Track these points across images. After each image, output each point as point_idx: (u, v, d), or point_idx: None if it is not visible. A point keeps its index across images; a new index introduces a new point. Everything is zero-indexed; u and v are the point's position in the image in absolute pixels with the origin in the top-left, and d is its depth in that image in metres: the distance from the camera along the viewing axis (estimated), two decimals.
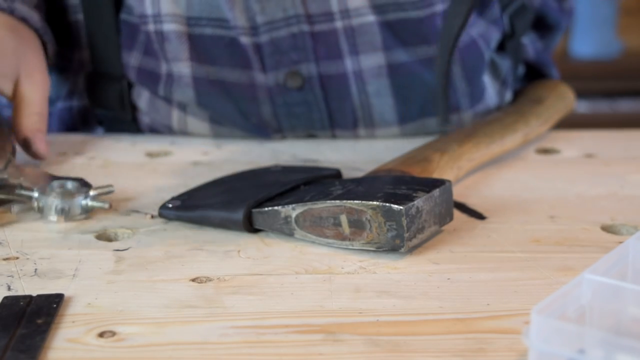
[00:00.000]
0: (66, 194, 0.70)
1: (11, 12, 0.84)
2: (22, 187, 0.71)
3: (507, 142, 0.84)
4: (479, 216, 0.70)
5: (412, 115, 0.90)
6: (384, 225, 0.61)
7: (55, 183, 0.71)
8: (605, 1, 2.53)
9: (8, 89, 0.82)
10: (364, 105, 0.89)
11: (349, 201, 0.63)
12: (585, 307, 0.48)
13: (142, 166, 0.85)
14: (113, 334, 0.52)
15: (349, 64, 0.87)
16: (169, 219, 0.70)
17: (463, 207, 0.72)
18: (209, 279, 0.60)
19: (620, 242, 0.55)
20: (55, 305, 0.55)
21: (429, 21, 0.87)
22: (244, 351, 0.51)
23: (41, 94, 0.83)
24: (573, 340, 0.44)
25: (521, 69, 1.02)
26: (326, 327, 0.53)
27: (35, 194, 0.70)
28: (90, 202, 0.70)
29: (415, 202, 0.62)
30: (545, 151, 0.88)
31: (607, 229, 0.68)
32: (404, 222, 0.61)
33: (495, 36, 0.93)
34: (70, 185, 0.71)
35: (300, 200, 0.65)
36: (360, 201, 0.62)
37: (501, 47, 0.96)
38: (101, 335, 0.52)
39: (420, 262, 0.62)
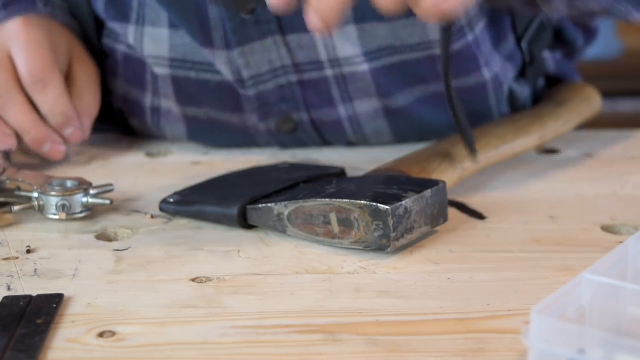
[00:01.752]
0: (66, 191, 0.70)
1: (53, 17, 0.85)
2: (21, 189, 0.71)
3: (519, 144, 0.82)
4: (479, 216, 0.70)
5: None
6: (371, 224, 0.62)
7: (55, 182, 0.71)
8: None
9: (62, 73, 0.83)
10: (360, 142, 0.88)
11: (338, 200, 0.63)
12: (585, 307, 0.48)
13: (142, 166, 0.85)
14: (113, 334, 0.52)
15: (342, 110, 0.85)
16: (168, 213, 0.71)
17: (463, 207, 0.72)
18: (209, 279, 0.60)
19: (620, 242, 0.54)
20: (55, 305, 0.55)
21: (428, 62, 0.83)
22: (244, 351, 0.51)
23: (94, 79, 0.85)
24: (573, 340, 0.44)
25: (541, 82, 0.99)
26: (326, 327, 0.53)
27: (35, 194, 0.70)
28: (91, 200, 0.70)
29: (404, 202, 0.62)
30: (545, 151, 0.88)
31: (607, 229, 0.68)
32: (391, 222, 0.61)
33: (510, 74, 0.89)
34: (70, 183, 0.71)
35: (293, 198, 0.66)
36: (348, 200, 0.62)
37: (521, 73, 0.93)
38: (101, 335, 0.52)
39: (420, 262, 0.62)
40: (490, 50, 0.88)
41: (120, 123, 0.94)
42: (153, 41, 0.84)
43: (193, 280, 0.60)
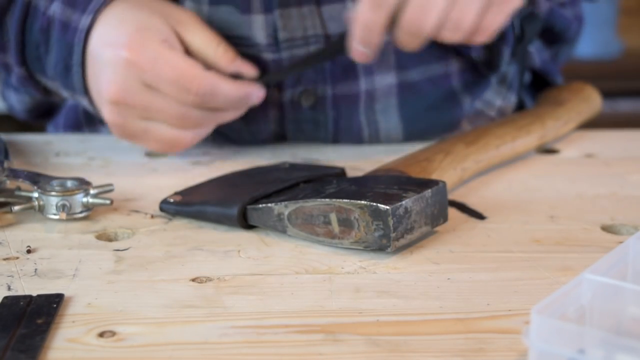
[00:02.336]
0: (67, 191, 0.70)
1: None
2: (21, 189, 0.71)
3: (520, 144, 0.83)
4: (479, 216, 0.70)
5: (417, 133, 0.90)
6: (372, 224, 0.62)
7: (55, 182, 0.71)
8: (605, 1, 2.53)
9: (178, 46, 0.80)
10: (371, 123, 0.89)
11: (338, 200, 0.63)
12: (585, 307, 0.48)
13: (142, 166, 0.85)
14: (113, 334, 0.52)
15: (362, 83, 0.87)
16: (168, 213, 0.71)
17: (463, 207, 0.72)
18: (209, 279, 0.60)
19: (620, 242, 0.55)
20: (55, 305, 0.55)
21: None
22: (244, 351, 0.51)
23: (205, 34, 0.81)
24: (573, 340, 0.44)
25: (527, 77, 1.01)
26: (326, 327, 0.53)
27: (35, 194, 0.70)
28: (91, 200, 0.70)
29: (404, 202, 0.62)
30: (545, 151, 0.88)
31: (607, 229, 0.68)
32: (391, 222, 0.61)
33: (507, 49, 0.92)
34: (70, 183, 0.71)
35: (293, 198, 0.66)
36: (349, 200, 0.62)
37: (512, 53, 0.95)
38: (101, 335, 0.52)
39: (420, 262, 0.62)
40: None
41: None
42: (215, 14, 0.85)
43: (193, 280, 0.60)
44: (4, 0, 0.83)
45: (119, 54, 0.77)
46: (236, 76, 0.80)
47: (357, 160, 0.84)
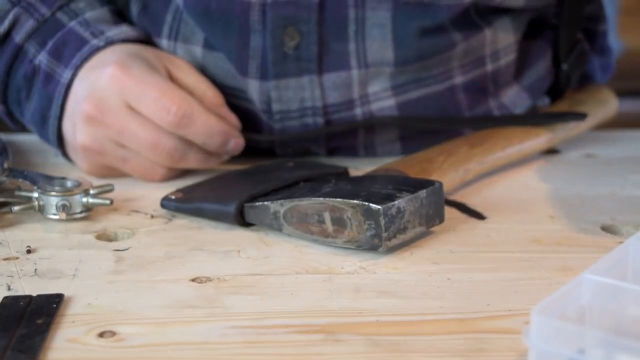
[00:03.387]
0: (66, 191, 0.70)
1: (126, 40, 0.82)
2: (21, 189, 0.71)
3: (527, 146, 0.82)
4: (479, 216, 0.70)
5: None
6: (364, 224, 0.62)
7: (55, 182, 0.71)
8: (605, 1, 2.53)
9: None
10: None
11: (331, 199, 0.63)
12: (585, 307, 0.48)
13: None
14: (113, 334, 0.52)
15: (360, 138, 0.85)
16: (169, 210, 0.71)
17: (463, 207, 0.72)
18: (209, 279, 0.60)
19: (620, 242, 0.54)
20: (55, 305, 0.55)
21: (448, 93, 0.84)
22: (244, 351, 0.51)
23: (196, 76, 0.80)
24: (573, 340, 0.44)
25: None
26: (326, 327, 0.53)
27: (35, 194, 0.70)
28: (90, 200, 0.70)
29: (396, 202, 0.62)
30: (545, 151, 0.88)
31: (607, 229, 0.68)
32: (382, 221, 0.61)
33: (523, 102, 0.90)
34: (69, 183, 0.71)
35: (290, 197, 0.66)
36: (342, 199, 0.62)
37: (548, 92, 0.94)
38: (101, 335, 0.52)
39: (420, 262, 0.62)
40: (508, 81, 0.88)
41: None
42: (186, 56, 0.83)
43: (193, 280, 0.60)
44: None
45: (105, 71, 0.75)
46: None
47: (359, 161, 0.84)
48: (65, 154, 0.82)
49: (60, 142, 0.81)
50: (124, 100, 0.75)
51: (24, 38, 0.81)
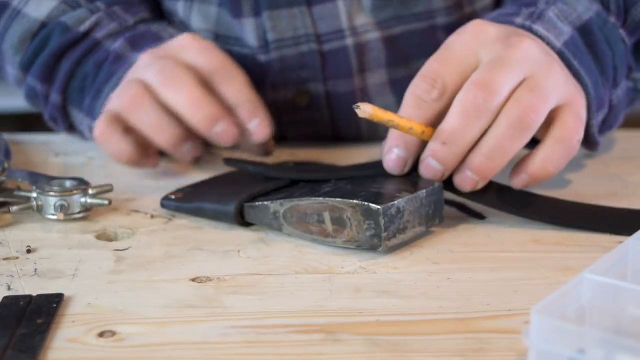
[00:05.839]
0: (65, 192, 0.70)
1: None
2: (20, 189, 0.71)
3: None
4: (479, 216, 0.70)
5: None
6: (363, 224, 0.62)
7: (54, 182, 0.71)
8: None
9: None
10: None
11: (331, 199, 0.63)
12: (585, 307, 0.48)
13: None
14: (113, 334, 0.52)
15: (356, 81, 0.87)
16: (169, 209, 0.71)
17: (463, 207, 0.71)
18: (209, 279, 0.60)
19: (620, 242, 0.54)
20: (55, 305, 0.55)
21: (430, 33, 0.86)
22: (244, 351, 0.51)
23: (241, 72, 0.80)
24: (573, 340, 0.44)
25: None
26: (326, 327, 0.53)
27: (34, 194, 0.70)
28: (89, 200, 0.70)
29: (396, 202, 0.62)
30: None
31: None
32: (382, 221, 0.61)
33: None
34: (68, 184, 0.71)
35: (290, 197, 0.66)
36: (342, 199, 0.63)
37: None
38: (101, 335, 0.52)
39: (420, 262, 0.62)
40: None
41: None
42: (201, 16, 0.87)
43: (193, 280, 0.60)
44: (68, 41, 0.84)
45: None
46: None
47: (361, 160, 0.84)
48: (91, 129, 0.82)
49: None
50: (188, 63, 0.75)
51: (104, 36, 0.84)
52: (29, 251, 0.64)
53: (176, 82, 0.73)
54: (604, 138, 0.81)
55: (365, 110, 0.64)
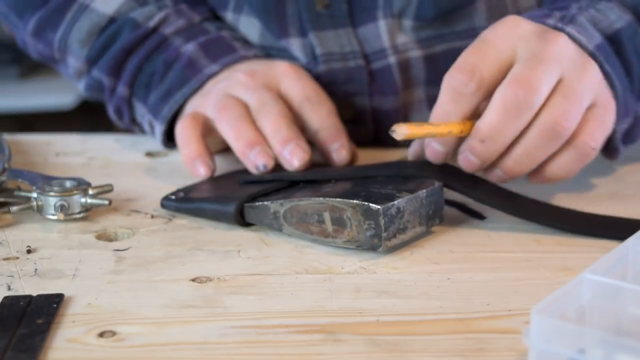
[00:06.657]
0: (65, 192, 0.70)
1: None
2: (20, 189, 0.71)
3: None
4: (479, 216, 0.70)
5: None
6: (363, 224, 0.62)
7: (54, 182, 0.71)
8: None
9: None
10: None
11: (331, 199, 0.63)
12: (585, 307, 0.48)
13: (142, 166, 0.85)
14: (113, 334, 0.52)
15: (401, 98, 0.87)
16: (169, 209, 0.71)
17: (463, 207, 0.71)
18: (209, 279, 0.60)
19: (620, 242, 0.54)
20: (55, 305, 0.55)
21: None
22: (244, 351, 0.51)
23: (300, 83, 0.81)
24: (573, 340, 0.44)
25: None
26: (326, 327, 0.53)
27: (34, 194, 0.70)
28: (89, 200, 0.70)
29: (396, 202, 0.62)
30: None
31: None
32: (382, 221, 0.61)
33: None
34: (68, 184, 0.71)
35: (289, 196, 0.66)
36: (341, 199, 0.63)
37: None
38: (101, 335, 0.52)
39: (420, 262, 0.62)
40: None
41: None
42: (248, 27, 0.88)
43: (193, 280, 0.60)
44: (138, 37, 0.86)
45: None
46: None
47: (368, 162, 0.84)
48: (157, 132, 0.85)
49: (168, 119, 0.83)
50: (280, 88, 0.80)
51: (172, 32, 0.86)
52: (29, 251, 0.64)
53: (271, 113, 0.76)
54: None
55: (401, 132, 0.64)
